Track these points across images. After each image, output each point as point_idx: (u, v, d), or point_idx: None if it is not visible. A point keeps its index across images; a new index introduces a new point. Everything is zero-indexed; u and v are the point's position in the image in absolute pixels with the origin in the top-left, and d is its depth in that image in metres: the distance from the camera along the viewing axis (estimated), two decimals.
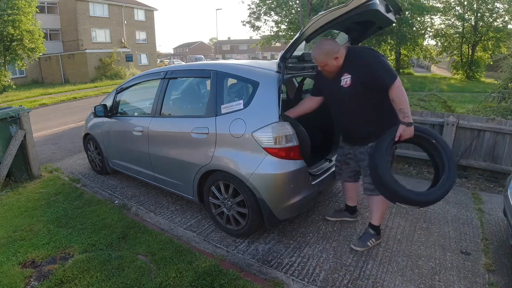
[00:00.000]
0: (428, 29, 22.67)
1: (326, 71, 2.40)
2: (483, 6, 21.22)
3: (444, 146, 2.23)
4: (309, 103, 2.70)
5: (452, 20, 23.26)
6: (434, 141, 2.22)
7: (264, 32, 28.11)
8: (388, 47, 23.16)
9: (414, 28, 20.04)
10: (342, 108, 2.47)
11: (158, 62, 34.33)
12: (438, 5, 22.35)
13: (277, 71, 2.58)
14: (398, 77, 2.17)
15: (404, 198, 2.23)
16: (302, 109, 2.69)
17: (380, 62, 2.22)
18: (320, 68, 2.42)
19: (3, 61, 16.36)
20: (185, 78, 3.56)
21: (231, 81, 2.85)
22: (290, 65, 2.73)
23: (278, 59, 2.60)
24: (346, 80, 2.31)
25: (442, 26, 23.77)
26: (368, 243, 2.64)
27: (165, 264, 2.45)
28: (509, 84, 6.45)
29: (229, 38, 74.69)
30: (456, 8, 22.53)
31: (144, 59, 30.17)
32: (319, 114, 3.45)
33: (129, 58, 23.22)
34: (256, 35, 54.44)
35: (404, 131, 2.20)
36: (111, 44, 26.28)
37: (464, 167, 4.28)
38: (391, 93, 2.17)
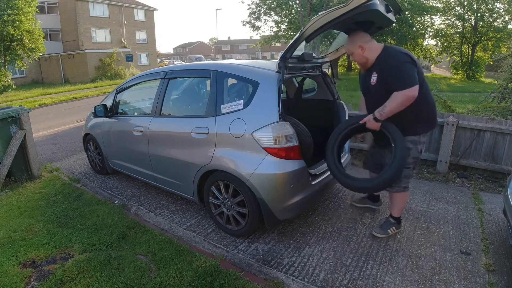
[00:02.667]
0: (428, 29, 22.67)
1: (355, 61, 2.56)
2: (483, 6, 21.23)
3: (398, 151, 2.29)
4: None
5: (452, 20, 23.28)
6: (393, 144, 2.33)
7: (264, 32, 28.15)
8: None
9: (414, 28, 20.03)
10: (372, 103, 2.54)
11: (158, 62, 34.31)
12: (438, 5, 22.36)
13: (277, 71, 2.58)
14: (412, 88, 2.19)
15: (340, 182, 2.54)
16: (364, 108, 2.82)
17: (399, 69, 2.27)
18: (351, 59, 2.60)
19: (3, 61, 16.36)
20: (185, 78, 3.56)
21: (231, 81, 2.85)
22: (290, 65, 2.74)
23: (278, 59, 2.60)
24: (373, 78, 2.44)
25: (442, 26, 23.80)
26: (389, 230, 2.80)
27: (165, 264, 2.45)
28: (509, 84, 6.45)
29: (229, 38, 74.74)
30: (456, 8, 22.56)
31: (144, 59, 30.16)
32: (319, 114, 3.46)
33: (129, 58, 23.22)
34: (256, 35, 54.44)
35: (369, 121, 2.39)
36: (111, 44, 26.27)
37: (464, 167, 4.28)
38: (395, 93, 2.25)
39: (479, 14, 21.50)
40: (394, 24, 2.76)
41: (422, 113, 2.46)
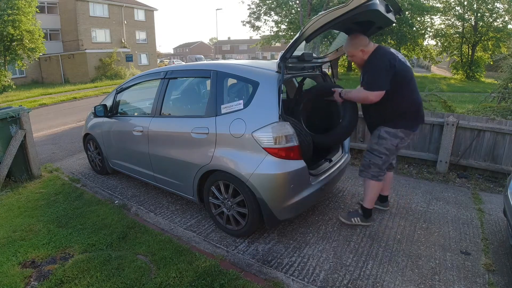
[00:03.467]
0: (428, 29, 22.68)
1: (354, 62, 2.70)
2: (483, 6, 21.24)
3: (348, 117, 2.78)
4: None
5: (452, 20, 23.28)
6: (344, 112, 2.83)
7: (264, 32, 28.18)
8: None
9: (414, 28, 20.04)
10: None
11: (158, 62, 34.31)
12: (438, 5, 22.37)
13: (277, 71, 2.58)
14: (375, 92, 2.40)
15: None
16: None
17: (373, 72, 2.47)
18: (349, 59, 2.76)
19: (3, 61, 16.36)
20: (185, 78, 3.56)
21: (231, 81, 2.85)
22: (290, 65, 2.74)
23: (278, 59, 2.60)
24: (361, 77, 2.64)
25: (442, 26, 23.80)
26: (353, 219, 2.90)
27: (165, 264, 2.45)
28: (509, 84, 6.45)
29: (229, 38, 74.73)
30: (456, 8, 22.56)
31: (144, 59, 30.16)
32: (319, 113, 3.46)
33: (129, 58, 23.21)
34: (256, 35, 54.48)
35: (336, 94, 2.77)
36: (111, 44, 26.27)
37: (464, 167, 4.28)
38: (360, 88, 2.54)
39: (479, 14, 21.51)
40: (394, 24, 2.77)
41: (403, 110, 2.59)
